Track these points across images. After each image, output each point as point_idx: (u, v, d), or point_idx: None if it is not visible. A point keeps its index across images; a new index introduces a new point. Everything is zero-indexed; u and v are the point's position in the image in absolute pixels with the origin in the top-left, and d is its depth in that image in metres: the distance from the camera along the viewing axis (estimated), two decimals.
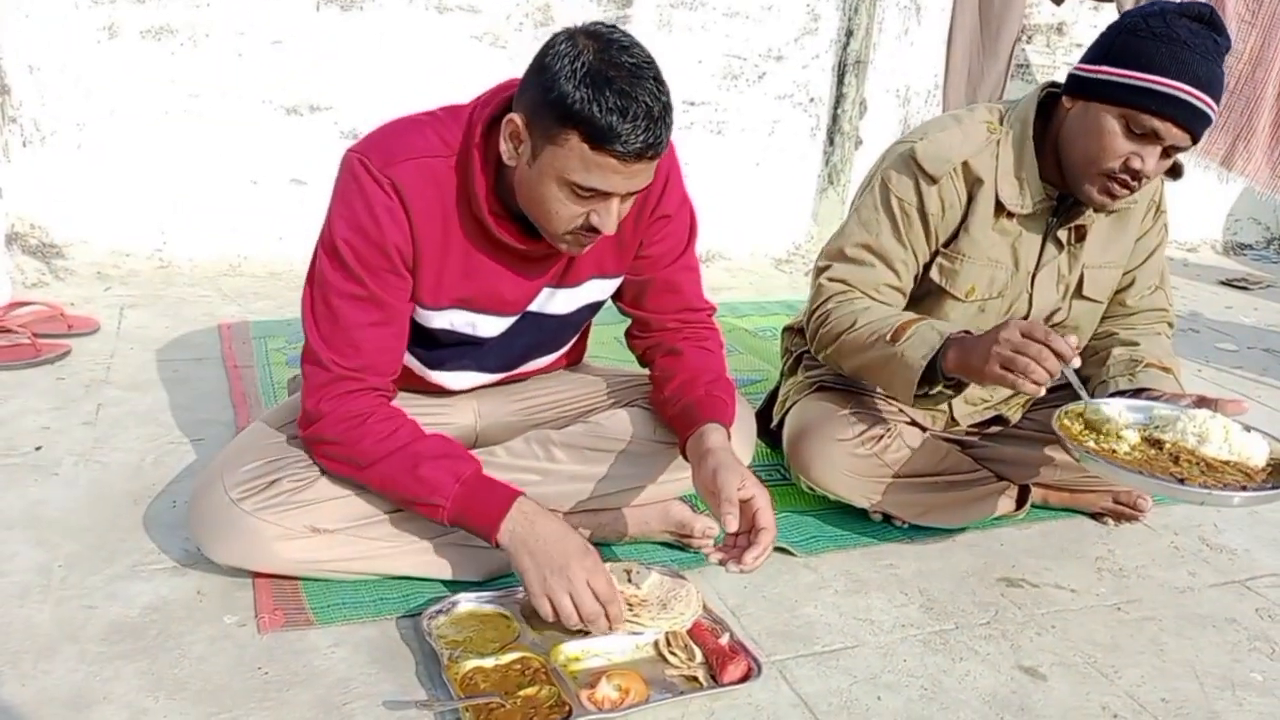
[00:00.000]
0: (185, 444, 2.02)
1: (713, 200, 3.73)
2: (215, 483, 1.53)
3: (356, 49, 3.16)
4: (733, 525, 1.43)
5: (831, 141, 3.98)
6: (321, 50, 3.12)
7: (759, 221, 3.90)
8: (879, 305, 1.79)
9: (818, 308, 1.85)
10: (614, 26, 1.36)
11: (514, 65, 3.39)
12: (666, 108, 1.33)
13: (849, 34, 3.86)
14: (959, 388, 1.76)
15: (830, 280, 1.85)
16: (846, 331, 1.76)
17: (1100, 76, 1.66)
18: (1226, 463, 1.54)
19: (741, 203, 3.83)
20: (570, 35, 1.34)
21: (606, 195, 1.36)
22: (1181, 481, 1.49)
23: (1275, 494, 1.50)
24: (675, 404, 1.65)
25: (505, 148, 1.39)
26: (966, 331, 1.70)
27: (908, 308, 1.86)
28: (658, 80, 1.33)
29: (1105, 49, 1.68)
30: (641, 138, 1.30)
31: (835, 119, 3.95)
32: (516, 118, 1.36)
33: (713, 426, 1.57)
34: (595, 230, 1.40)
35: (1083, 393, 1.66)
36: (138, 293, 2.85)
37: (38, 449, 1.95)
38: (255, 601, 1.52)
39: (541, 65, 1.33)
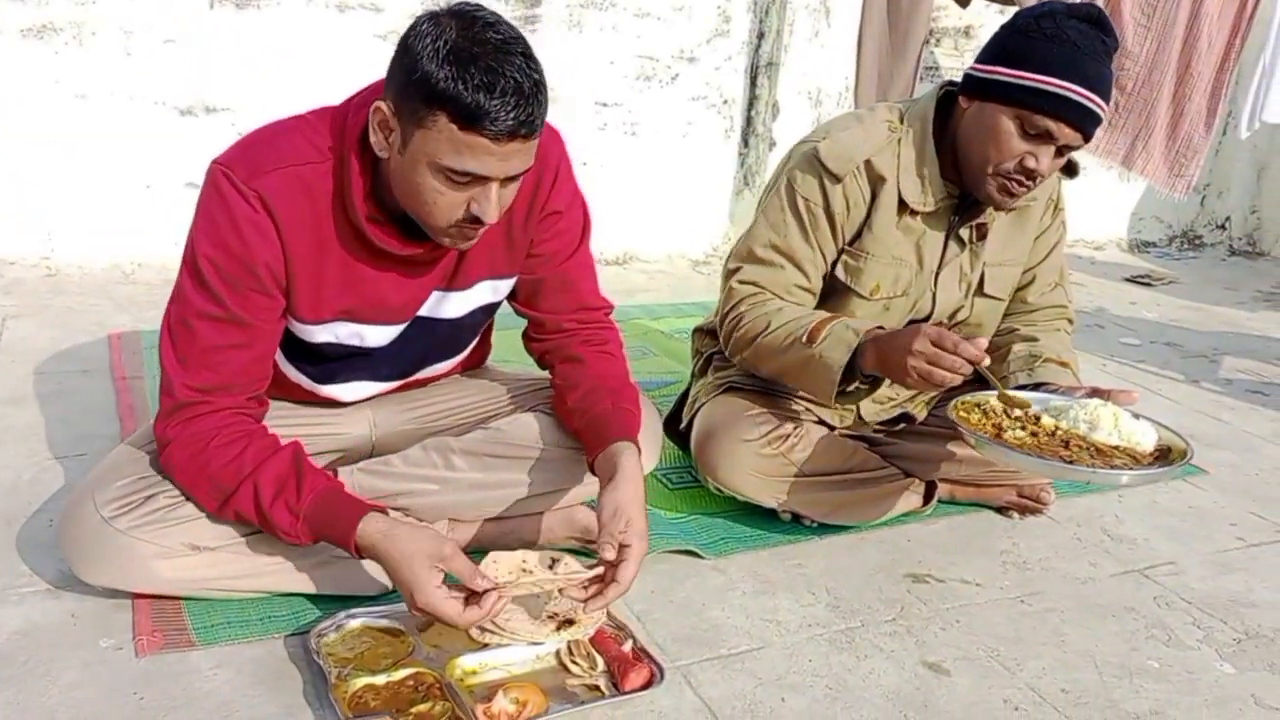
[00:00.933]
0: (66, 460, 1.92)
1: (628, 202, 3.71)
2: (86, 501, 1.44)
3: (254, 48, 3.06)
4: (608, 556, 1.39)
5: (746, 143, 3.99)
6: (217, 49, 3.01)
7: (675, 223, 3.89)
8: (791, 306, 1.79)
9: (730, 310, 1.83)
10: (479, 5, 1.31)
11: None
12: (538, 85, 1.28)
13: (760, 36, 3.88)
14: (876, 383, 1.76)
15: (741, 283, 1.83)
16: (761, 335, 1.75)
17: (994, 77, 1.67)
18: (1116, 448, 1.57)
19: (657, 204, 3.82)
20: (433, 16, 1.28)
21: (484, 180, 1.30)
22: (1070, 463, 1.52)
23: (1160, 473, 1.56)
24: (581, 416, 1.60)
25: (375, 138, 1.33)
26: (880, 327, 1.72)
27: (816, 306, 1.85)
28: (527, 56, 1.27)
29: (999, 49, 1.69)
30: (512, 115, 1.24)
31: (749, 121, 3.96)
32: (383, 105, 1.31)
33: (622, 446, 1.52)
34: (478, 221, 1.34)
35: (996, 385, 1.68)
36: (22, 303, 2.71)
37: None
38: (134, 623, 1.44)
39: (405, 47, 1.28)
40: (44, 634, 1.42)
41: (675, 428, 2.07)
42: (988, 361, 1.58)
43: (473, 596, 1.34)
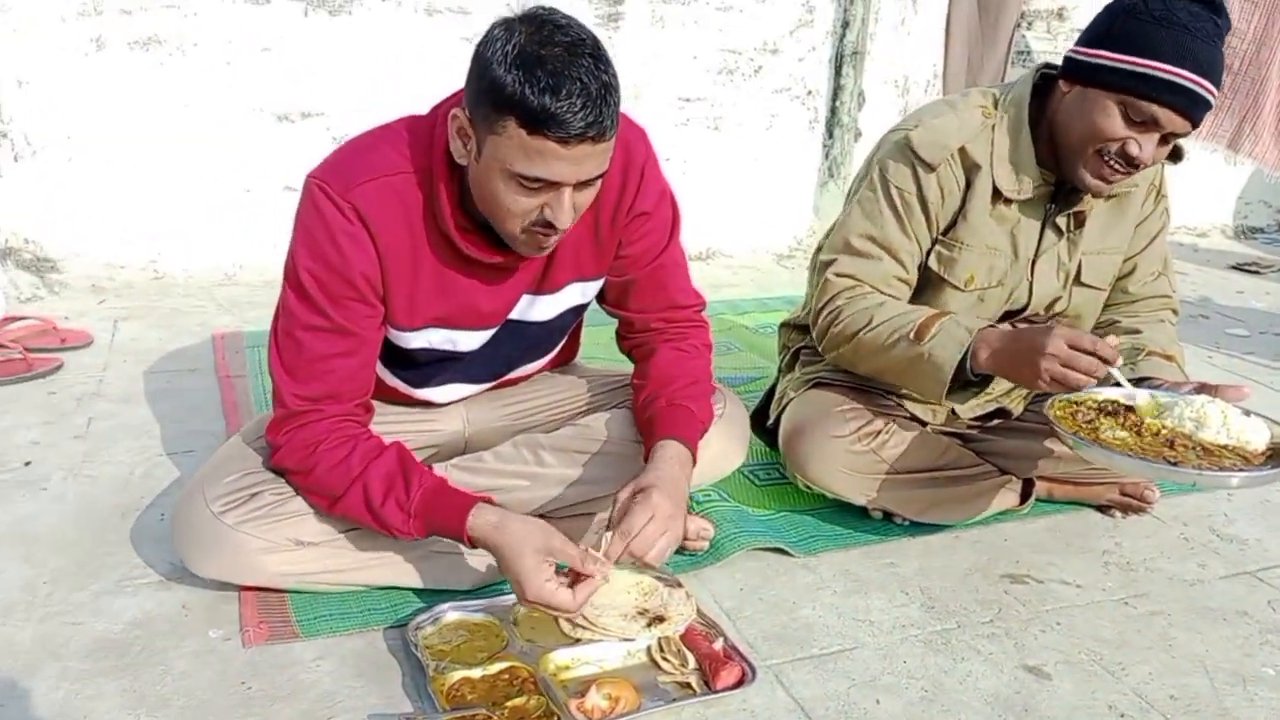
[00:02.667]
0: (175, 456, 2.00)
1: (712, 197, 3.70)
2: (197, 496, 1.50)
3: (346, 54, 3.14)
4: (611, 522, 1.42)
5: (830, 134, 3.93)
6: (311, 56, 3.10)
7: (759, 217, 3.86)
8: (892, 301, 1.75)
9: (826, 304, 1.79)
10: (553, 9, 1.30)
11: None
12: (606, 87, 1.26)
13: (845, 25, 3.82)
14: (986, 383, 1.71)
15: (838, 275, 1.79)
16: (863, 330, 1.71)
17: (1098, 61, 1.61)
18: (1224, 447, 1.50)
19: (741, 199, 3.79)
20: (506, 21, 1.29)
21: (555, 185, 1.30)
22: (1175, 464, 1.46)
23: (1273, 474, 1.46)
24: (643, 413, 1.61)
25: (454, 145, 1.35)
26: (992, 325, 1.68)
27: (909, 300, 1.82)
28: (596, 58, 1.26)
29: (1104, 32, 1.63)
30: (579, 117, 1.24)
31: (834, 111, 3.91)
32: (460, 113, 1.32)
33: (665, 443, 1.52)
34: (551, 226, 1.35)
35: (1127, 386, 1.62)
36: (132, 305, 2.84)
37: (27, 464, 1.93)
38: (241, 615, 1.50)
39: (478, 54, 1.29)
40: (158, 624, 1.48)
41: (763, 424, 2.06)
42: (1120, 362, 1.53)
43: (580, 580, 1.37)
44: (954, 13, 3.91)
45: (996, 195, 1.76)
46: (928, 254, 1.80)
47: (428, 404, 1.71)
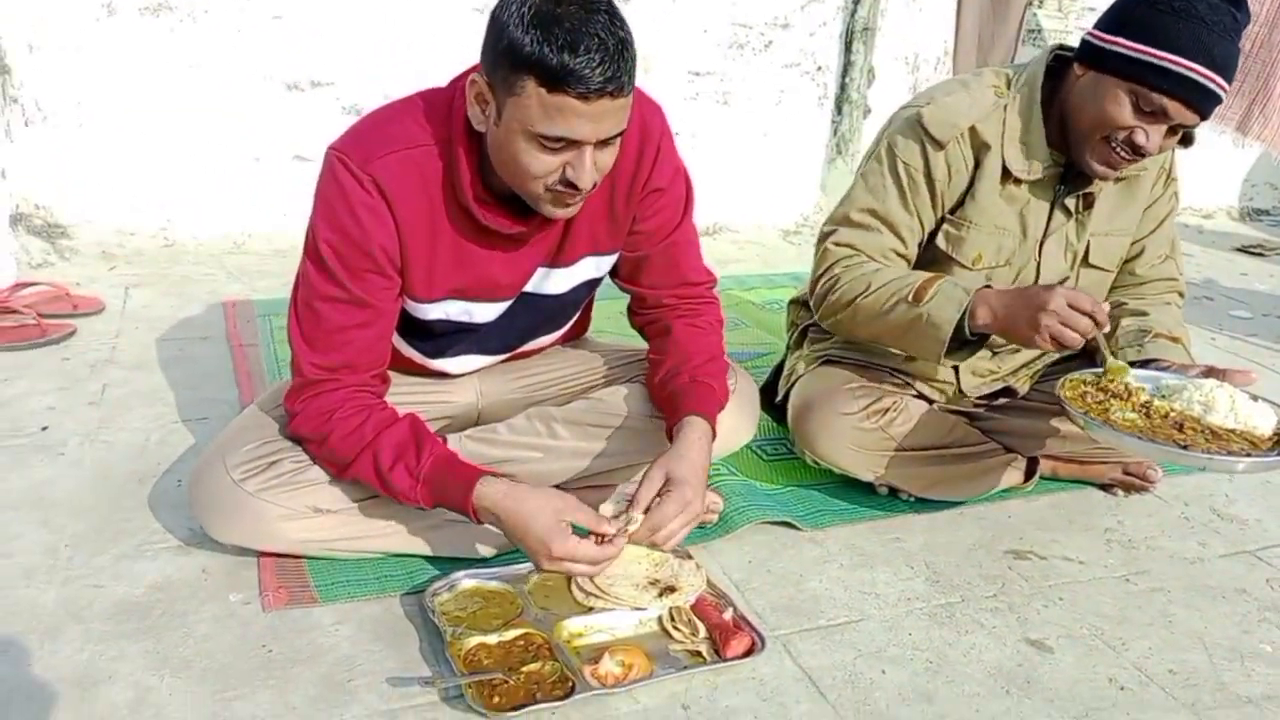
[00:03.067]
0: (190, 423, 2.03)
1: (719, 171, 3.70)
2: (216, 463, 1.52)
3: (355, 23, 3.13)
4: (640, 499, 1.45)
5: (839, 110, 3.93)
6: (321, 25, 3.09)
7: (766, 192, 3.86)
8: (888, 269, 1.77)
9: (824, 272, 1.82)
10: None
11: None
12: (623, 42, 1.28)
13: (856, 1, 3.80)
14: (982, 342, 1.72)
15: (836, 245, 1.81)
16: (860, 295, 1.73)
17: (1114, 48, 1.62)
18: (1232, 431, 1.53)
19: (748, 173, 3.79)
20: None
21: (576, 144, 1.32)
22: (1185, 448, 1.48)
23: (1278, 460, 1.49)
24: (662, 389, 1.63)
25: (472, 111, 1.36)
26: (988, 285, 1.70)
27: None
28: (611, 15, 1.28)
29: (1121, 19, 1.63)
30: (598, 72, 1.25)
31: (843, 87, 3.90)
32: (478, 78, 1.33)
33: (691, 420, 1.54)
34: (574, 186, 1.36)
35: (1105, 353, 1.65)
36: (143, 272, 2.85)
37: (43, 429, 1.95)
38: (260, 580, 1.53)
39: (494, 18, 1.30)
40: (178, 588, 1.51)
41: (770, 400, 2.08)
42: (1107, 328, 1.57)
43: (599, 540, 1.41)
44: None
45: (1006, 175, 1.77)
46: (935, 232, 1.82)
47: (443, 375, 1.73)
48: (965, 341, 1.67)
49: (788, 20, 3.77)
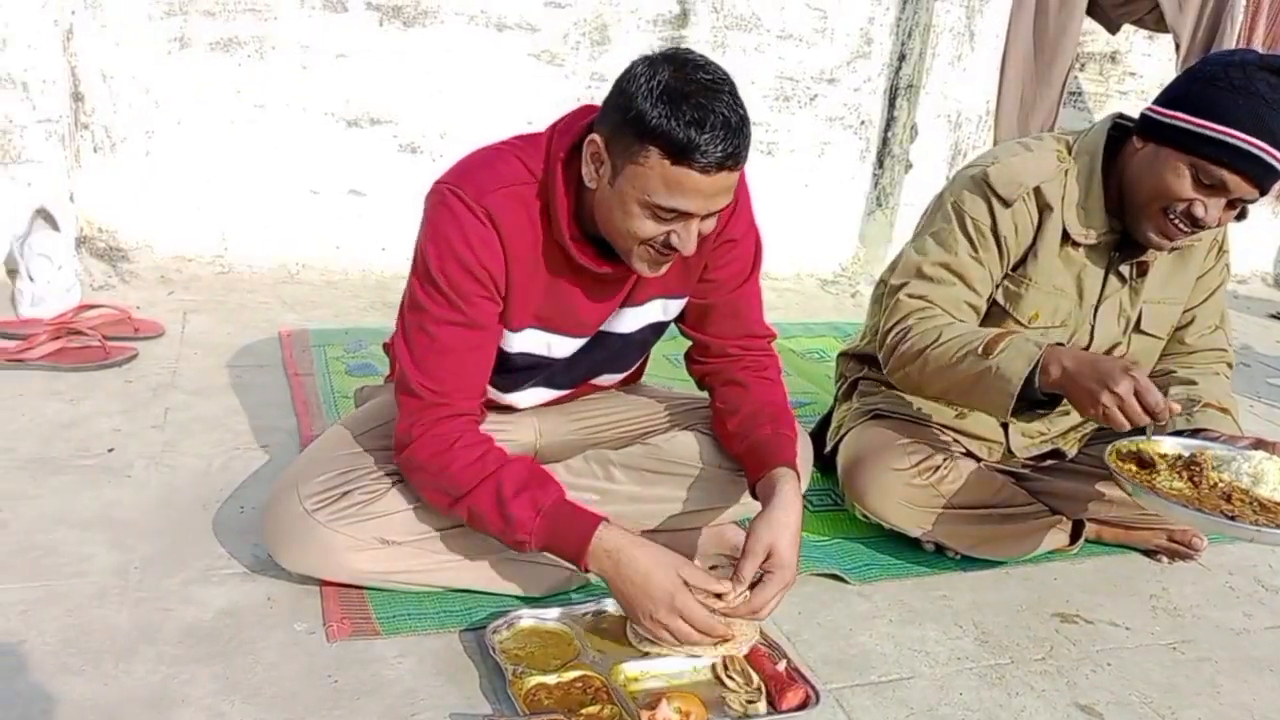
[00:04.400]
0: (250, 450, 2.07)
1: (761, 221, 3.73)
2: (290, 493, 1.57)
3: (417, 64, 3.21)
4: (744, 575, 1.47)
5: (881, 164, 3.99)
6: (383, 65, 3.18)
7: (806, 242, 3.91)
8: (960, 323, 1.78)
9: (895, 324, 1.82)
10: (690, 50, 1.40)
11: (569, 83, 3.44)
12: (744, 120, 1.36)
13: (901, 58, 3.88)
14: (1053, 403, 1.70)
15: (909, 297, 1.82)
16: (931, 346, 1.73)
17: (1174, 122, 1.66)
18: None
19: (790, 223, 3.84)
20: (648, 60, 1.38)
21: (687, 216, 1.39)
22: (1232, 518, 1.50)
23: None
24: (742, 440, 1.66)
25: (587, 170, 1.43)
26: (1060, 343, 1.72)
27: None
28: (734, 94, 1.35)
29: (1182, 94, 1.68)
30: (720, 147, 1.32)
31: (885, 142, 3.96)
32: (597, 138, 1.40)
33: (783, 473, 1.57)
34: (671, 249, 1.43)
35: (1147, 434, 1.66)
36: (200, 298, 2.92)
37: (110, 451, 2.00)
38: (323, 609, 1.56)
39: (620, 89, 1.38)
40: (245, 614, 1.55)
41: (817, 451, 2.11)
42: (1166, 426, 1.59)
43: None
44: (1010, 52, 3.96)
45: (1065, 238, 1.81)
46: (996, 288, 1.85)
47: (508, 409, 1.77)
48: (1035, 403, 1.67)
49: (834, 76, 3.84)
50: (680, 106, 1.30)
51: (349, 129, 3.20)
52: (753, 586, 1.48)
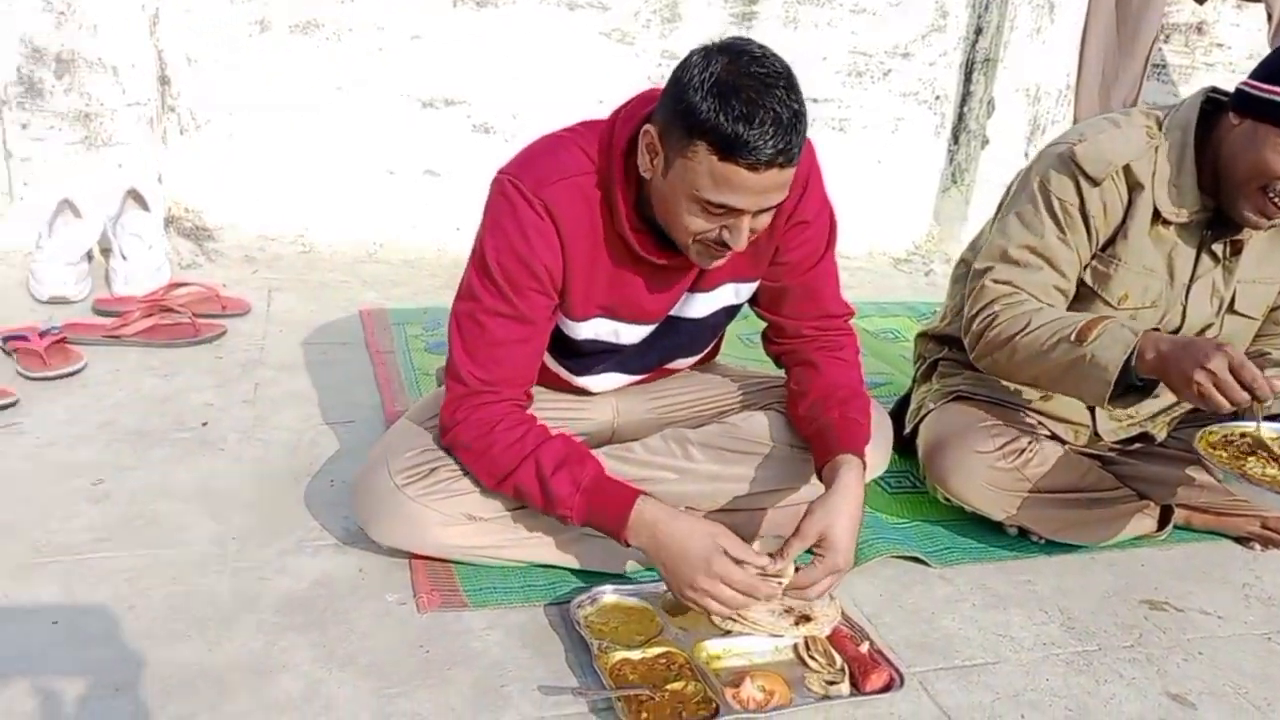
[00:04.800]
0: (337, 426, 2.12)
1: (833, 198, 3.69)
2: (380, 468, 1.60)
3: (490, 44, 3.23)
4: (787, 554, 1.46)
5: (956, 140, 3.91)
6: (457, 45, 3.20)
7: (879, 220, 3.85)
8: (1049, 309, 1.75)
9: (981, 309, 1.79)
10: (750, 40, 1.37)
11: (640, 61, 3.43)
12: (797, 115, 1.32)
13: (978, 31, 3.79)
14: (1149, 388, 1.67)
15: (995, 282, 1.79)
16: (1020, 334, 1.71)
17: (1274, 98, 1.60)
18: None
19: (862, 201, 3.79)
20: (705, 50, 1.36)
21: (738, 213, 1.37)
22: None
23: None
24: (811, 423, 1.65)
25: (642, 160, 1.42)
26: (1156, 328, 1.68)
27: None
28: (789, 89, 1.32)
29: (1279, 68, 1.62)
30: (771, 144, 1.29)
31: (961, 117, 3.88)
32: (652, 129, 1.39)
33: (845, 459, 1.55)
34: (725, 245, 1.42)
35: (1259, 421, 1.62)
36: (283, 276, 2.99)
37: (204, 425, 2.07)
38: (413, 581, 1.60)
39: (675, 79, 1.36)
40: (338, 585, 1.59)
41: (896, 432, 2.09)
42: (1272, 405, 1.53)
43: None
44: (1091, 23, 3.84)
45: (1156, 216, 1.76)
46: (1084, 268, 1.81)
47: (583, 391, 1.79)
48: (1130, 387, 1.64)
49: (908, 50, 3.77)
50: (730, 101, 1.28)
51: (424, 109, 3.24)
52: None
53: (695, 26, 3.42)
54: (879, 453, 1.79)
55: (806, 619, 1.53)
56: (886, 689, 1.44)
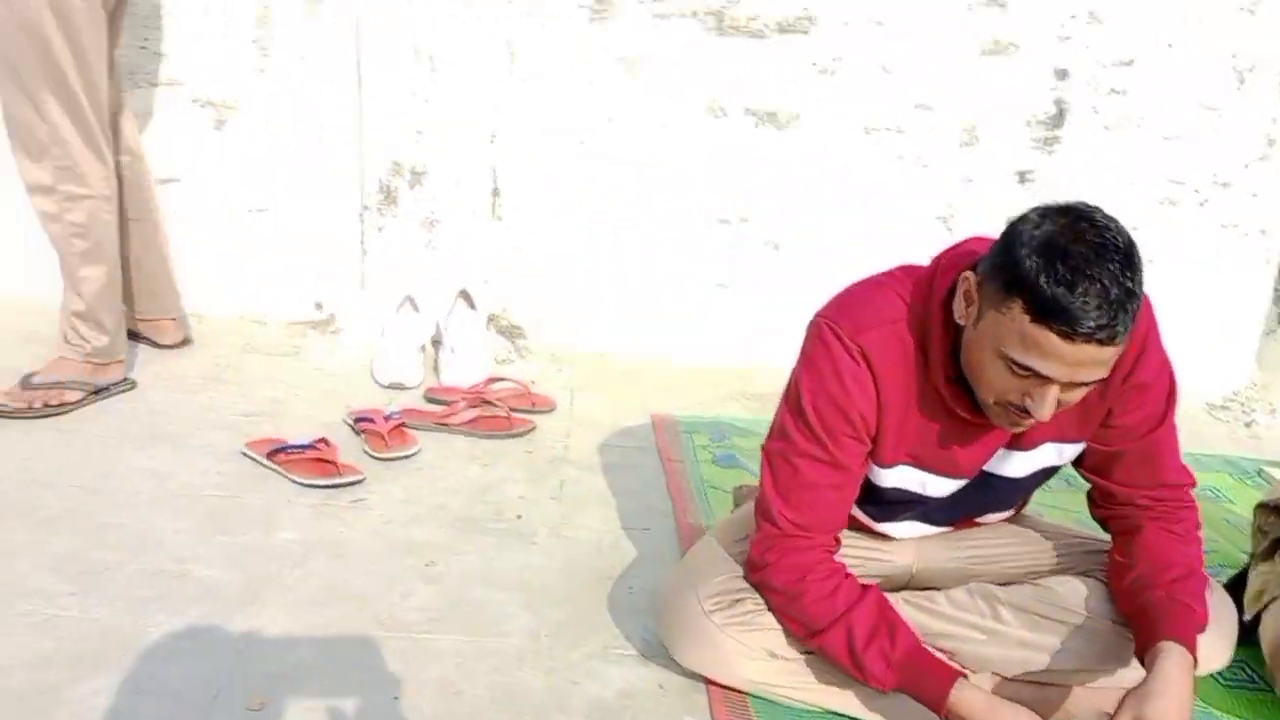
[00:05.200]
0: (633, 531, 2.23)
1: None
2: (689, 592, 1.67)
3: (788, 164, 3.35)
4: None
5: None
6: (754, 166, 3.34)
7: (1191, 361, 3.54)
8: None
9: None
10: (1097, 208, 1.32)
11: (934, 185, 3.42)
12: (1128, 294, 1.25)
13: None
14: None
15: None
16: None
17: None
18: None
19: (1173, 340, 3.51)
20: (1045, 208, 1.33)
21: (1045, 380, 1.32)
22: None
23: None
24: (1132, 600, 1.55)
25: (958, 306, 1.41)
26: None
27: None
28: (1126, 265, 1.26)
29: None
30: (1092, 317, 1.24)
31: None
32: (972, 276, 1.39)
33: (1169, 647, 1.42)
34: (1027, 413, 1.37)
35: None
36: (584, 377, 3.19)
37: (518, 517, 2.24)
38: (710, 708, 1.64)
39: (1007, 231, 1.35)
40: (641, 698, 1.66)
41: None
42: None
43: None
44: None
45: None
46: None
47: (884, 536, 1.79)
48: None
49: (1228, 180, 3.53)
50: (1055, 263, 1.25)
51: (719, 225, 3.40)
52: None
53: (993, 150, 3.39)
54: (1219, 645, 1.65)
55: None
56: None
